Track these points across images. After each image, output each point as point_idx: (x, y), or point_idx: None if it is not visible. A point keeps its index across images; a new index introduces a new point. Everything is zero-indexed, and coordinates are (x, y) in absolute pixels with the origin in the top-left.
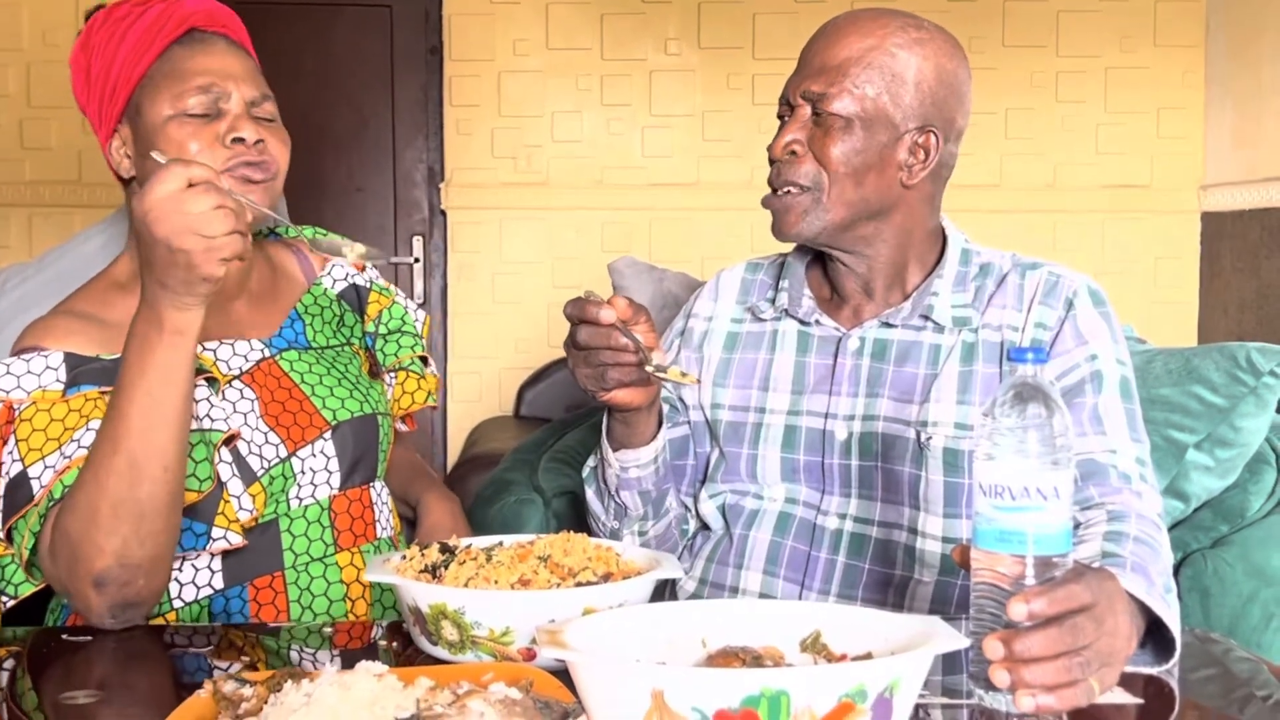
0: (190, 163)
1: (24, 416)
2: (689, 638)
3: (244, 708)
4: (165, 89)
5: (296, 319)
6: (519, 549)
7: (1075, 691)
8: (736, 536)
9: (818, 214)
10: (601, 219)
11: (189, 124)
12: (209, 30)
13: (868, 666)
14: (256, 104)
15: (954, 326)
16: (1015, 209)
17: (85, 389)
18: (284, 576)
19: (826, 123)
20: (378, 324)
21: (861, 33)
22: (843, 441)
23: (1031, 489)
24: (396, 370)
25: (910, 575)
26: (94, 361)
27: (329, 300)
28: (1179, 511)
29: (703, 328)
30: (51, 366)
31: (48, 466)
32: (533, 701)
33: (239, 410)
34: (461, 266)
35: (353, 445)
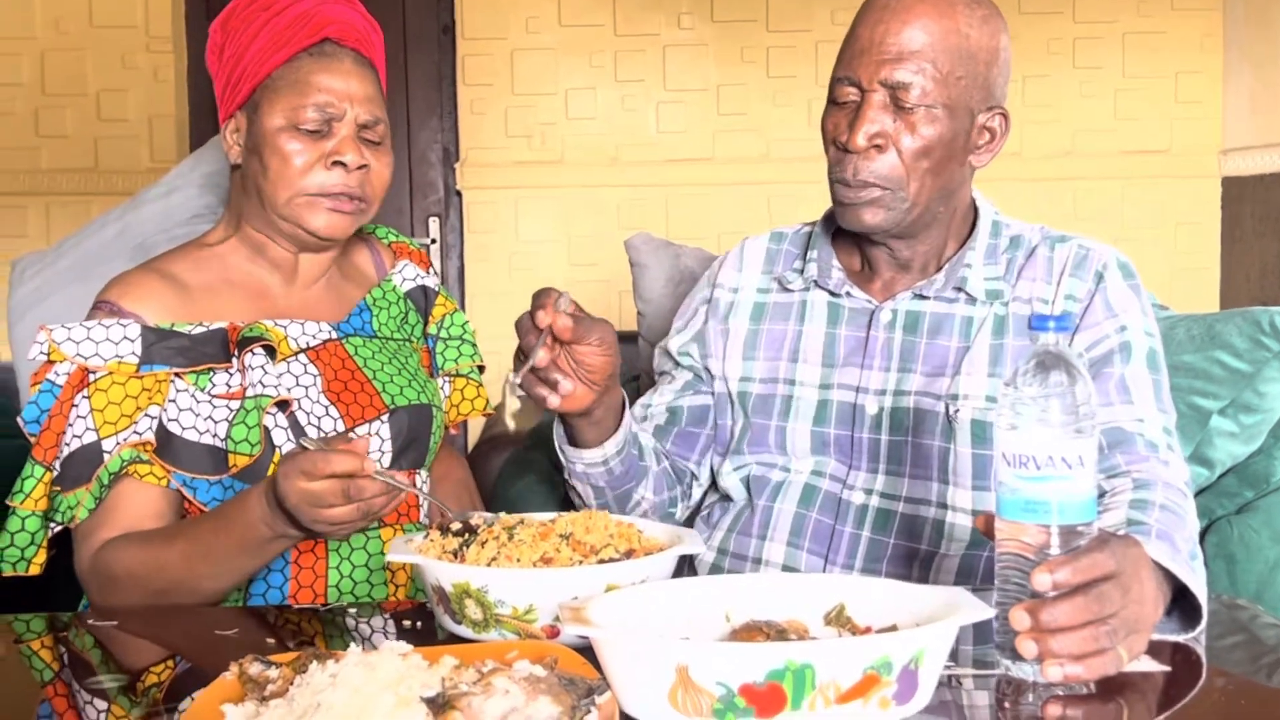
0: (335, 451)
1: (99, 386)
2: (712, 612)
3: (270, 689)
4: (284, 98)
5: (365, 309)
6: (541, 527)
7: (1103, 660)
8: (760, 507)
9: (897, 210)
10: (617, 196)
11: (299, 138)
12: (342, 43)
13: (892, 639)
14: (368, 127)
15: (986, 299)
16: (1034, 177)
17: (158, 368)
18: (326, 545)
19: (911, 114)
20: (439, 327)
21: (934, 12)
22: (873, 416)
23: (1055, 458)
24: (453, 376)
25: (936, 550)
26: (169, 337)
27: (396, 297)
28: (1203, 478)
29: (729, 298)
30: (129, 338)
31: (119, 442)
32: (557, 679)
33: (301, 383)
34: (478, 247)
35: (407, 430)
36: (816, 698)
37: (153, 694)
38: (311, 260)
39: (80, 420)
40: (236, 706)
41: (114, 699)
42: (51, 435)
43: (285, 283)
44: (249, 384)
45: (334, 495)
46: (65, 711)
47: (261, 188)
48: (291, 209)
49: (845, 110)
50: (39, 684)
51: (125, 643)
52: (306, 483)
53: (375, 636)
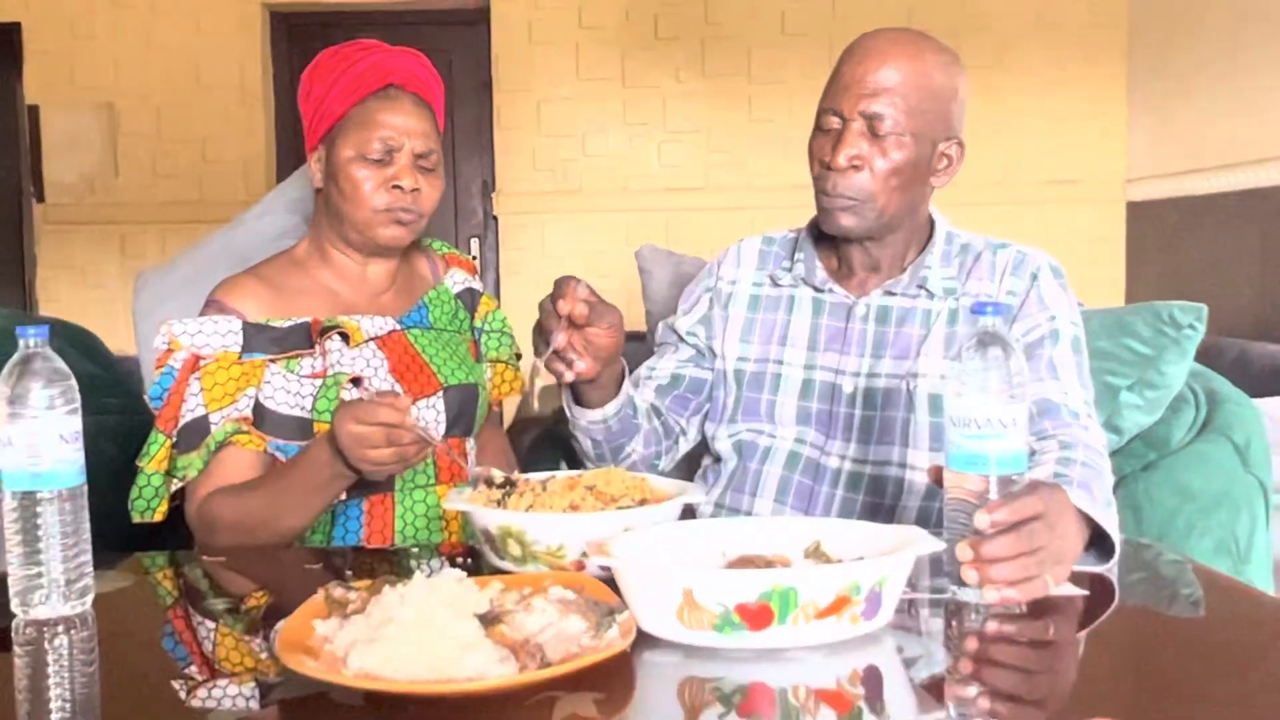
0: (382, 403)
1: (208, 370)
2: (712, 549)
3: (351, 608)
4: (354, 134)
5: (423, 306)
6: (569, 480)
7: (1033, 585)
8: (751, 469)
9: (869, 217)
10: (626, 219)
11: (366, 166)
12: (404, 88)
13: (860, 566)
14: (423, 156)
15: (943, 295)
16: (973, 202)
17: (256, 356)
18: (394, 497)
19: (884, 140)
20: (484, 322)
21: (906, 55)
22: (849, 394)
23: (994, 419)
24: (495, 362)
25: (898, 503)
26: (264, 330)
27: (449, 297)
28: (1114, 443)
29: (728, 289)
30: (233, 331)
31: (223, 416)
32: (585, 601)
33: (371, 365)
34: (512, 263)
35: (457, 405)
36: (798, 614)
37: (255, 615)
38: (378, 269)
39: (193, 397)
40: (324, 621)
41: (224, 619)
42: (171, 409)
43: (357, 286)
44: (329, 365)
45: (378, 438)
46: (185, 631)
47: (340, 207)
48: (368, 226)
49: (829, 136)
50: (165, 607)
51: (231, 576)
52: (355, 426)
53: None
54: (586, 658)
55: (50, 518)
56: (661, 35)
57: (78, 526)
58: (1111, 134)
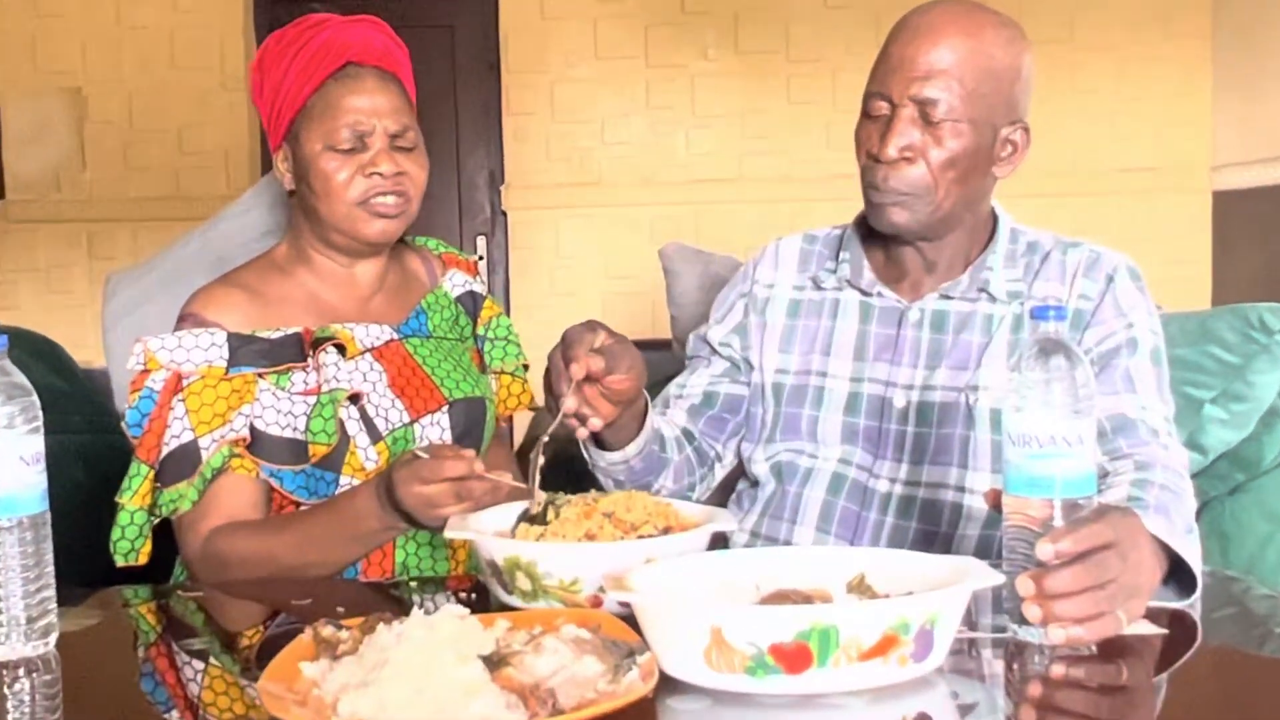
0: (446, 457)
1: (193, 390)
2: (743, 582)
3: (341, 649)
4: (318, 124)
5: (421, 312)
6: (585, 506)
7: (1103, 623)
8: (790, 493)
9: (924, 214)
10: (650, 214)
11: (337, 157)
12: (363, 64)
13: (909, 602)
14: (399, 135)
15: (1007, 299)
16: (1037, 193)
17: (245, 370)
18: None
19: (939, 128)
20: (487, 329)
21: (963, 33)
22: (900, 409)
23: (1057, 437)
24: (500, 374)
25: (955, 531)
26: (251, 342)
27: (448, 301)
28: (1198, 463)
29: (765, 294)
30: (216, 344)
31: (215, 439)
32: (601, 641)
33: (369, 379)
34: (522, 263)
35: (464, 420)
36: (840, 656)
37: (239, 653)
38: (367, 270)
39: (178, 421)
40: (312, 664)
41: (205, 659)
42: (153, 436)
43: (344, 294)
44: (324, 380)
45: (447, 498)
46: (162, 672)
47: (316, 207)
48: (348, 223)
49: (877, 123)
50: (139, 646)
51: (213, 611)
52: (422, 487)
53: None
54: (603, 704)
55: (9, 548)
56: (689, 9)
57: (40, 558)
58: (1195, 116)
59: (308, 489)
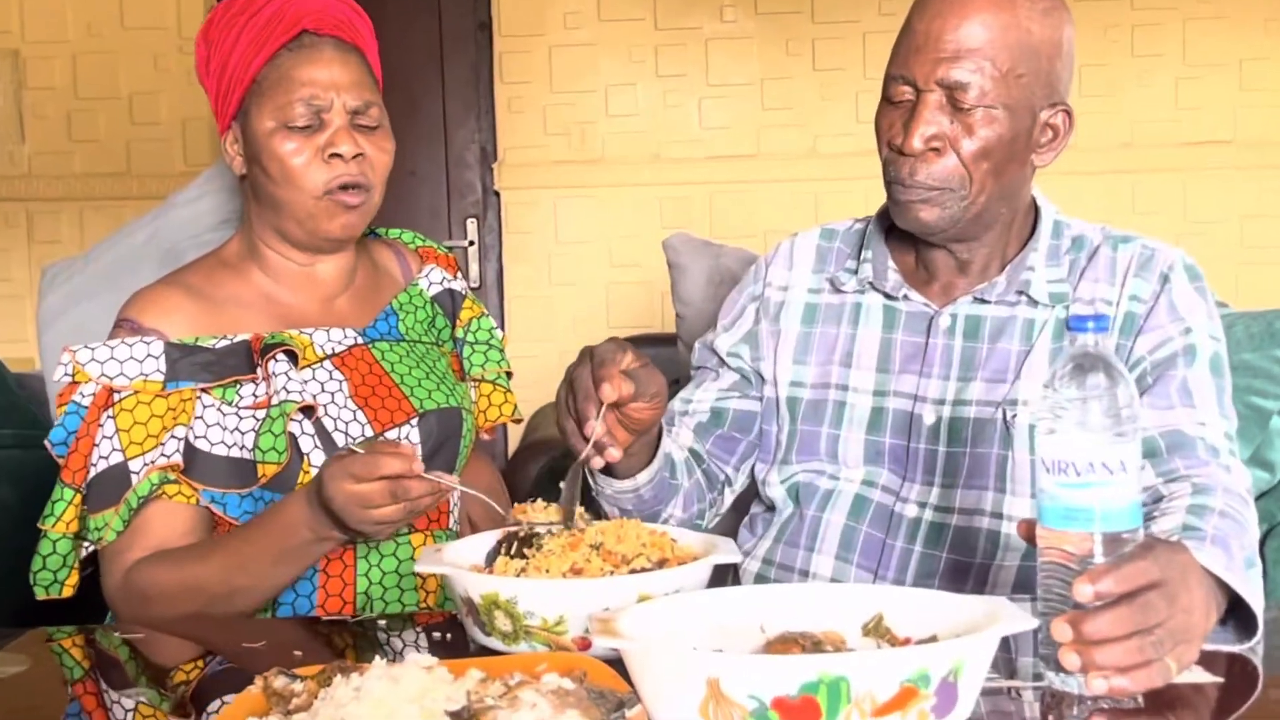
0: (383, 452)
1: (124, 406)
2: (747, 624)
3: (294, 703)
4: (270, 100)
5: (391, 313)
6: (570, 538)
7: (1150, 672)
8: (809, 518)
9: (955, 212)
10: (659, 195)
11: (293, 137)
12: (320, 33)
13: (930, 650)
14: (360, 112)
15: (1049, 302)
16: (1092, 170)
17: (183, 385)
18: (354, 551)
19: (970, 115)
20: (466, 331)
21: (994, 5)
22: (930, 426)
23: (1096, 463)
24: (480, 381)
25: (991, 561)
26: (193, 353)
27: (423, 301)
28: (1264, 482)
29: (779, 297)
30: (153, 355)
31: (146, 463)
32: (586, 692)
33: (327, 389)
34: (517, 248)
35: (436, 433)
36: (852, 711)
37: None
38: (329, 268)
39: (106, 440)
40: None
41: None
42: (79, 457)
43: (304, 294)
44: (273, 391)
45: (382, 496)
46: None
47: (272, 194)
48: (309, 217)
49: (900, 110)
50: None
51: (152, 654)
52: (354, 485)
53: (406, 650)
54: None
55: None
56: None
57: None
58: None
59: (255, 515)
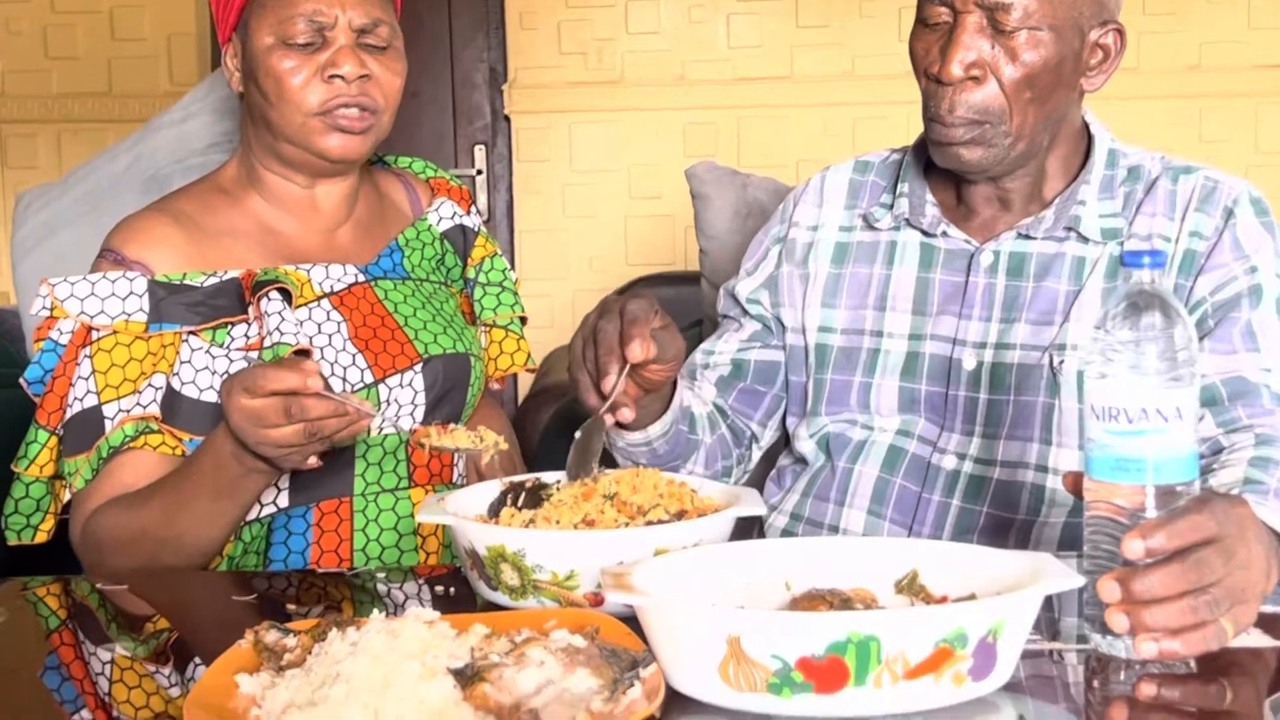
0: (279, 365)
1: (103, 347)
2: (771, 580)
3: (287, 658)
4: (271, 13)
5: (397, 249)
6: (582, 487)
7: (1203, 634)
8: (840, 469)
9: (998, 146)
10: (683, 120)
11: (291, 55)
12: None
13: (967, 608)
14: (366, 31)
15: (1101, 239)
16: (1154, 95)
17: (167, 327)
18: (351, 503)
19: (1012, 38)
20: (478, 271)
21: None
22: (970, 371)
23: (1150, 410)
24: (492, 326)
25: (1034, 518)
26: (180, 291)
27: (432, 237)
28: None
29: (807, 238)
30: (136, 293)
31: (122, 410)
32: (598, 650)
33: (324, 330)
34: (529, 178)
35: (442, 381)
36: (882, 673)
37: (165, 664)
38: (331, 196)
39: (82, 382)
40: (251, 677)
41: (124, 670)
42: (55, 398)
43: (305, 223)
44: (266, 333)
45: (275, 414)
46: (75, 680)
47: (266, 114)
48: (302, 135)
49: (936, 33)
50: (45, 650)
51: (136, 608)
52: (248, 399)
53: (408, 604)
54: None
55: None
56: None
57: None
58: None
59: None
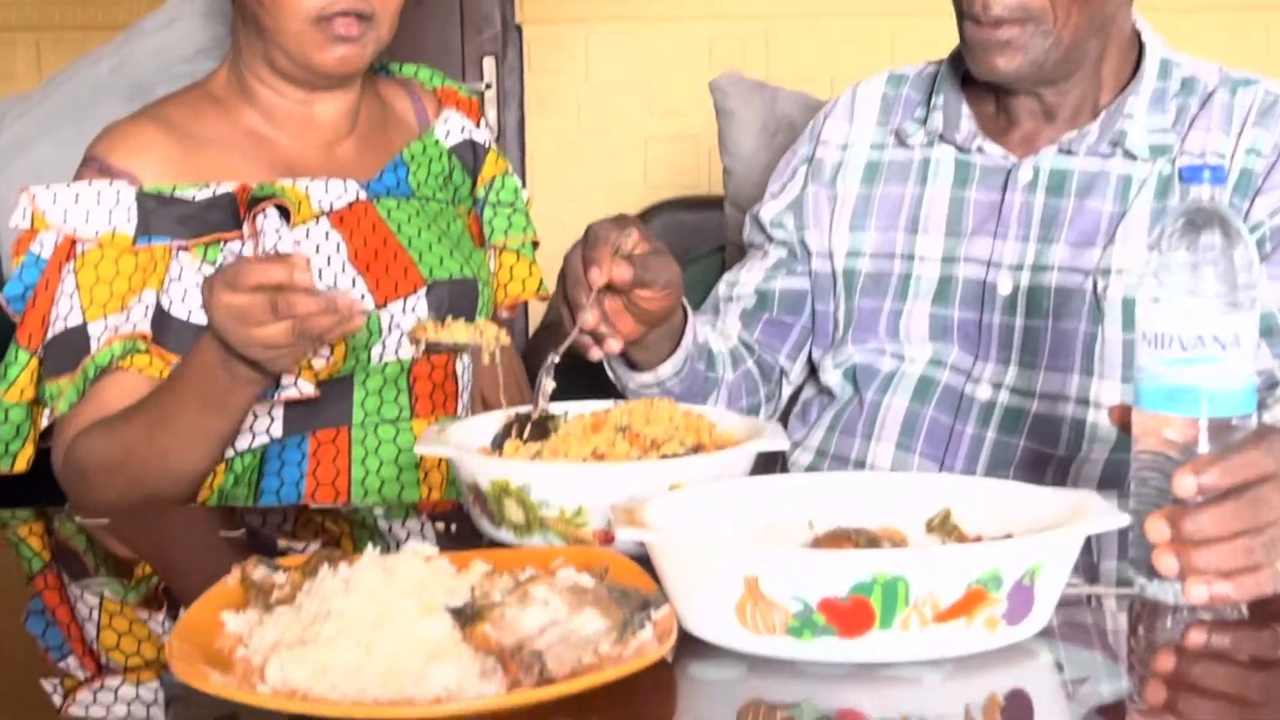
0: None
1: (88, 260)
2: (793, 517)
3: (276, 595)
4: None
5: (401, 164)
6: (594, 418)
7: (1258, 578)
8: (868, 402)
9: (1037, 51)
10: (709, 30)
11: None
12: None
13: (1002, 547)
14: None
15: (1150, 155)
16: (1214, 5)
17: (156, 241)
18: (349, 434)
19: None
20: (488, 190)
21: None
22: (1006, 296)
23: (1206, 337)
24: (501, 250)
25: (1074, 454)
26: (170, 203)
27: (439, 152)
28: None
29: (836, 157)
30: (123, 203)
31: (109, 327)
32: (607, 590)
33: (322, 251)
34: (541, 92)
35: (447, 307)
36: (911, 615)
37: (148, 600)
38: (330, 108)
39: (66, 298)
40: (238, 615)
41: (113, 615)
42: (37, 316)
43: (301, 136)
44: (262, 251)
45: (261, 310)
46: (56, 619)
47: (258, 19)
48: (298, 45)
49: None
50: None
51: (124, 547)
52: (231, 295)
53: (407, 541)
54: (606, 671)
55: None
56: None
57: None
58: None
59: None
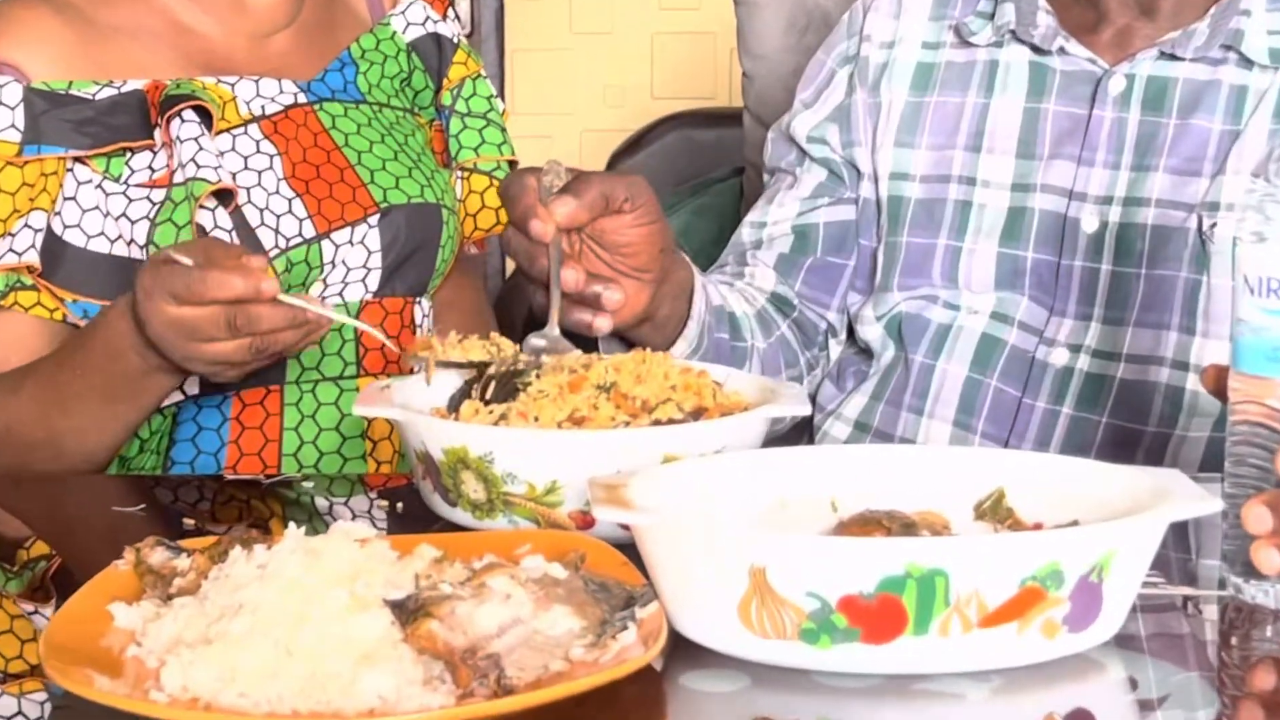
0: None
1: None
2: (813, 497)
3: (177, 584)
4: None
5: (349, 63)
6: (571, 376)
7: None
8: (916, 365)
9: None
10: None
11: None
12: None
13: (1065, 536)
14: None
15: (1271, 62)
16: None
17: (47, 151)
18: (282, 394)
19: None
20: (455, 96)
21: None
22: (1091, 235)
23: None
24: (471, 172)
25: (1171, 430)
26: (65, 103)
27: (396, 48)
28: None
29: (881, 57)
30: (6, 103)
31: None
32: (583, 583)
33: (252, 166)
34: None
35: (404, 238)
36: (951, 618)
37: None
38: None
39: None
40: (130, 607)
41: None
42: None
43: (228, 24)
44: (177, 164)
45: (215, 326)
46: None
47: None
48: None
49: None
50: None
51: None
52: (175, 308)
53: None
54: (579, 681)
55: None
56: None
57: None
58: None
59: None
